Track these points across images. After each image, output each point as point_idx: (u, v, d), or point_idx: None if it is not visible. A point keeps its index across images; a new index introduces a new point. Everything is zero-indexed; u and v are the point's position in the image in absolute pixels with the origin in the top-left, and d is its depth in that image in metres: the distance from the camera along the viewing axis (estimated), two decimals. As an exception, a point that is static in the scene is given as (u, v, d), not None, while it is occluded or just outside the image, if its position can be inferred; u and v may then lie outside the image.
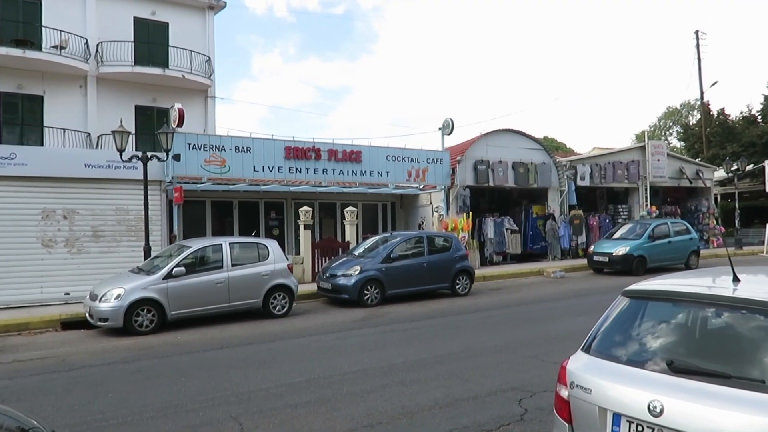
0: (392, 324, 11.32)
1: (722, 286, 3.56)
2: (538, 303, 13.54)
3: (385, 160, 19.50)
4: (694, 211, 28.25)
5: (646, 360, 3.48)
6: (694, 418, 2.97)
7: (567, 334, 9.44)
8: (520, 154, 22.50)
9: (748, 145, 39.17)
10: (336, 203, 21.39)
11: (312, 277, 16.76)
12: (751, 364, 3.15)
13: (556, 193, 23.45)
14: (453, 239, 15.76)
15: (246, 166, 17.05)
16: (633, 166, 25.54)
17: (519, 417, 5.81)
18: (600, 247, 19.78)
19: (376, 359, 8.35)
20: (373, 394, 6.67)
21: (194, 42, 22.41)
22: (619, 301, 3.92)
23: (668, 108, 62.36)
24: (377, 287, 13.65)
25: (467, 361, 8.10)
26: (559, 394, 3.70)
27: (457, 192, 20.87)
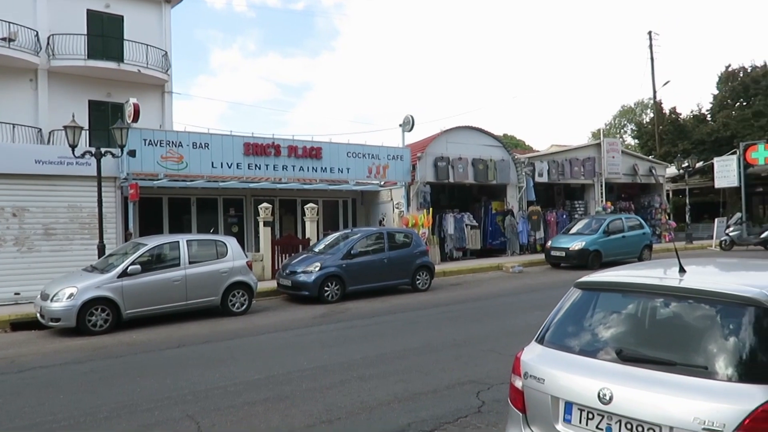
0: (352, 320, 11.32)
1: (669, 276, 3.67)
2: (497, 297, 13.72)
3: (345, 157, 19.46)
4: (647, 207, 29.00)
5: (598, 350, 3.56)
6: (642, 404, 3.05)
7: (525, 327, 9.59)
8: (479, 150, 22.73)
9: (698, 143, 40.44)
10: (296, 200, 21.26)
11: (272, 275, 16.63)
12: (695, 351, 3.25)
13: (515, 190, 23.79)
14: (413, 235, 15.84)
15: (204, 162, 16.79)
16: (589, 163, 26.08)
17: (477, 409, 5.89)
18: (557, 242, 20.16)
19: (336, 355, 8.34)
20: (332, 389, 6.66)
21: (150, 36, 21.92)
22: (571, 293, 3.99)
23: (623, 106, 63.87)
24: (338, 284, 13.62)
25: (427, 356, 8.16)
26: (514, 384, 3.76)
27: (418, 188, 20.98)
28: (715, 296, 3.30)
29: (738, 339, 3.11)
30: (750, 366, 2.98)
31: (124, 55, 21.08)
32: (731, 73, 43.51)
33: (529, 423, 3.60)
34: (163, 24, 22.70)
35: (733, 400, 2.84)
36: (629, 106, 62.86)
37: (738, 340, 3.11)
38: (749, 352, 3.03)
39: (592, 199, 26.61)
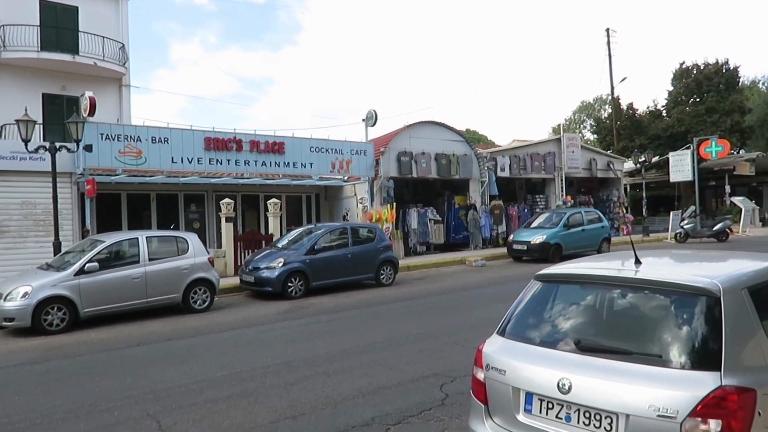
0: (317, 315, 11.28)
1: (625, 268, 3.76)
2: (460, 291, 13.85)
3: (308, 152, 19.35)
4: (606, 201, 29.64)
5: (558, 340, 3.62)
6: (599, 393, 3.13)
7: (487, 320, 9.69)
8: (442, 145, 22.87)
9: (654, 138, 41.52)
10: (259, 195, 21.06)
11: (234, 271, 16.45)
12: (651, 340, 3.34)
13: (478, 184, 24.02)
14: (377, 230, 15.86)
15: (164, 157, 16.49)
16: (549, 157, 26.50)
17: (440, 402, 5.94)
18: (519, 235, 20.43)
19: (300, 351, 8.31)
20: (296, 385, 6.64)
21: (107, 28, 21.38)
22: (531, 285, 4.06)
23: (582, 102, 65.20)
24: (301, 279, 13.56)
25: (391, 350, 8.19)
26: (476, 376, 3.81)
27: (381, 183, 21.00)
28: (668, 287, 3.40)
29: (691, 328, 3.21)
30: (702, 354, 3.08)
31: (80, 47, 20.52)
32: (685, 70, 44.71)
33: (491, 414, 3.65)
34: (120, 16, 22.16)
35: (686, 387, 2.93)
36: (588, 101, 64.19)
37: (691, 328, 3.21)
38: (701, 341, 3.13)
39: (553, 194, 27.06)
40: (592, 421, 3.15)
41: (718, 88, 42.48)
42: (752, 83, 46.31)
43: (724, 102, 41.47)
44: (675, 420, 2.87)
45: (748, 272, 3.63)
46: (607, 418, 3.10)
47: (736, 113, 40.62)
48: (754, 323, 3.25)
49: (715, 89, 42.55)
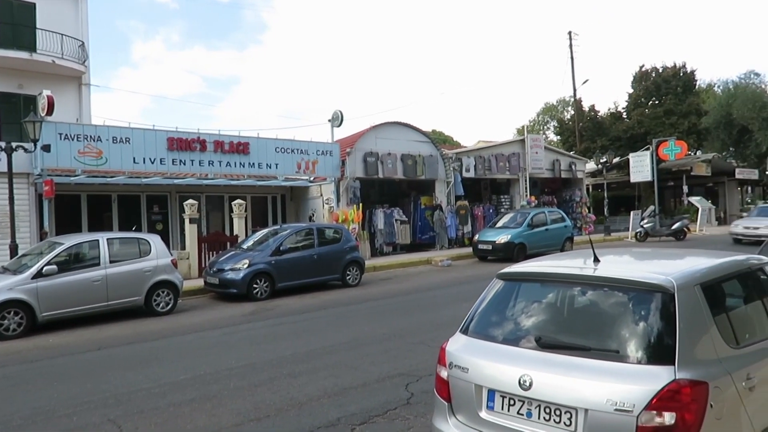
0: (282, 317, 11.22)
1: (584, 266, 3.84)
2: (426, 291, 13.92)
3: (274, 152, 19.22)
4: (569, 201, 30.15)
5: (519, 338, 3.68)
6: (559, 389, 3.19)
7: (453, 319, 9.75)
8: (408, 146, 22.96)
9: (615, 139, 42.41)
10: (224, 196, 20.84)
11: (199, 273, 16.24)
12: (609, 336, 3.42)
13: (443, 185, 24.17)
14: (343, 231, 15.84)
15: (125, 157, 16.19)
16: (514, 158, 26.83)
17: (405, 401, 5.97)
18: (484, 235, 20.63)
19: (265, 353, 8.26)
20: (261, 387, 6.59)
21: (65, 25, 20.85)
22: (494, 284, 4.11)
23: (546, 104, 66.11)
24: (267, 280, 13.46)
25: (357, 350, 8.19)
26: (439, 375, 3.84)
27: (348, 184, 20.98)
28: (625, 284, 3.48)
29: (647, 323, 3.30)
30: (657, 348, 3.16)
31: (37, 44, 19.95)
32: (644, 73, 45.81)
33: (455, 412, 3.68)
34: (80, 13, 21.65)
35: (642, 382, 3.01)
36: (552, 103, 65.14)
37: (647, 324, 3.29)
38: (656, 336, 3.22)
39: (517, 194, 27.40)
40: (552, 417, 3.21)
41: (676, 91, 43.65)
42: (708, 86, 47.62)
43: (682, 104, 42.62)
44: (631, 413, 2.94)
45: (702, 269, 3.75)
46: (566, 414, 3.16)
47: (693, 115, 41.78)
48: (706, 318, 3.35)
49: (673, 92, 43.70)
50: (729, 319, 3.59)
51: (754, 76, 40.68)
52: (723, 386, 3.14)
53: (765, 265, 4.50)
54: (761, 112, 36.73)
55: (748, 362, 3.44)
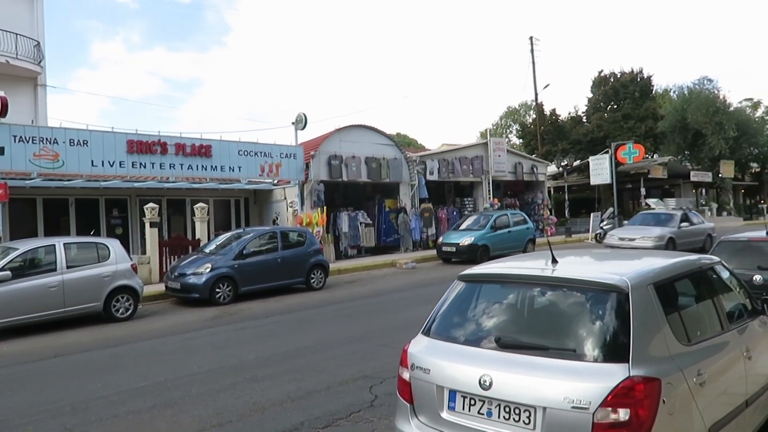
0: (245, 321, 11.11)
1: (543, 267, 3.92)
2: (390, 293, 13.96)
3: (237, 155, 19.01)
4: (531, 203, 30.59)
5: (480, 339, 3.73)
6: (518, 388, 3.25)
7: (417, 321, 9.73)
8: (372, 149, 23.00)
9: (576, 143, 43.21)
10: (185, 199, 20.53)
11: (160, 278, 15.96)
12: (567, 335, 3.50)
13: (408, 188, 24.28)
14: (307, 234, 15.78)
15: (83, 160, 15.80)
16: (477, 161, 27.11)
17: (369, 403, 5.98)
18: (448, 238, 20.79)
19: (228, 357, 8.17)
20: (223, 392, 6.52)
21: (20, 24, 20.30)
22: (455, 285, 4.16)
23: (508, 107, 67.03)
24: (230, 284, 13.31)
25: (321, 354, 8.17)
26: (402, 376, 3.87)
27: (312, 187, 20.90)
28: (582, 284, 3.57)
29: (603, 323, 3.38)
30: (612, 347, 3.25)
31: (-10, 44, 19.40)
32: (603, 78, 46.83)
33: (417, 413, 3.71)
34: (35, 12, 21.11)
35: (598, 379, 3.08)
36: (514, 107, 66.07)
37: (603, 323, 3.38)
38: (612, 334, 3.30)
39: (481, 196, 27.69)
40: (512, 416, 3.27)
41: (634, 96, 44.76)
42: (664, 91, 48.97)
43: (639, 109, 43.71)
44: (588, 411, 3.02)
45: (655, 269, 3.86)
46: (525, 412, 3.22)
47: (650, 119, 42.89)
48: (659, 317, 3.45)
49: (630, 97, 44.80)
50: (681, 317, 3.71)
51: (707, 82, 42.00)
52: (675, 382, 3.24)
53: (715, 265, 4.66)
54: (714, 117, 37.92)
55: (699, 359, 3.56)
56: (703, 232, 20.73)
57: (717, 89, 41.40)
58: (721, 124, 37.81)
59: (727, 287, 4.64)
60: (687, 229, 19.86)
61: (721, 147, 38.11)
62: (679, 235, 19.14)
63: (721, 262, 4.81)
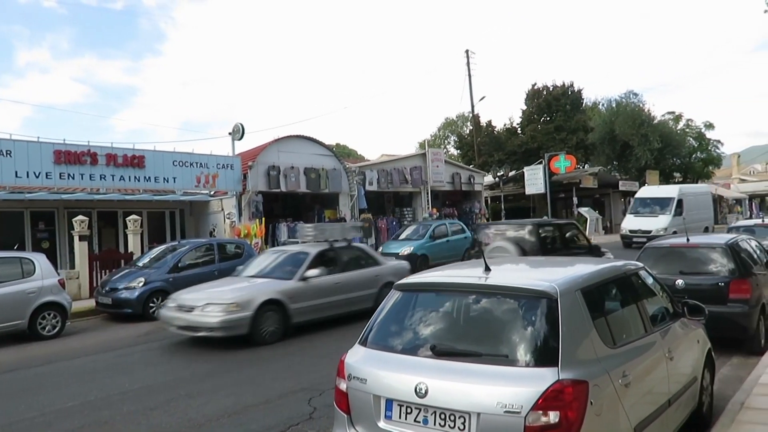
0: (180, 336, 10.79)
1: (476, 275, 4.00)
2: (330, 304, 13.86)
3: (171, 166, 18.56)
4: (469, 213, 31.12)
5: (417, 347, 3.78)
6: (453, 394, 3.30)
7: (358, 331, 9.78)
8: (311, 160, 22.92)
9: (511, 154, 44.29)
10: (117, 212, 19.84)
11: (90, 293, 15.33)
12: (500, 342, 3.59)
13: (347, 198, 24.29)
14: (245, 246, 15.54)
15: (6, 171, 15.08)
16: (416, 171, 27.41)
17: (308, 416, 5.93)
18: (387, 247, 20.88)
19: (162, 374, 7.94)
20: (157, 410, 6.32)
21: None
22: (391, 295, 4.20)
23: (446, 119, 68.17)
24: (164, 299, 12.87)
25: (259, 367, 8.05)
26: (338, 387, 3.87)
27: (250, 198, 20.62)
28: (513, 291, 3.67)
29: (534, 328, 3.49)
30: (542, 351, 3.35)
31: None
32: (537, 90, 48.28)
33: (354, 423, 3.72)
34: (-47, 15, 20.04)
35: (529, 383, 3.17)
36: (452, 118, 67.22)
37: (534, 329, 3.48)
38: (542, 339, 3.41)
39: (420, 206, 27.99)
40: (447, 422, 3.32)
41: (565, 109, 46.34)
42: (594, 104, 50.81)
43: (571, 121, 45.27)
44: (520, 415, 3.10)
45: (583, 275, 4.01)
46: (460, 418, 3.28)
47: (581, 131, 44.45)
48: (586, 321, 3.59)
49: (562, 109, 46.36)
50: (607, 321, 3.87)
51: (633, 95, 43.88)
52: (602, 384, 3.37)
53: (639, 270, 4.88)
54: (640, 129, 39.67)
55: (624, 361, 3.71)
56: None
57: (642, 103, 43.36)
58: (647, 136, 39.58)
59: (651, 291, 4.86)
60: None
61: (647, 158, 39.87)
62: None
63: (644, 267, 5.04)
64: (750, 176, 70.96)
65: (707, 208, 28.36)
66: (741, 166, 77.85)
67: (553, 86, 47.73)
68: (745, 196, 57.98)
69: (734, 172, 71.99)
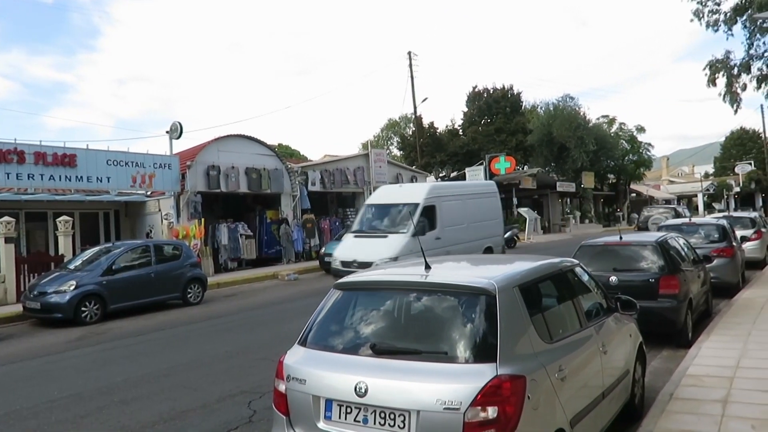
0: (115, 341, 10.42)
1: (416, 273, 4.00)
2: (271, 306, 13.71)
3: (105, 165, 17.89)
4: (412, 213, 31.25)
5: (358, 346, 3.74)
6: (393, 393, 3.28)
7: (298, 332, 9.69)
8: (252, 159, 22.56)
9: (453, 155, 44.85)
10: (47, 212, 18.99)
11: (17, 297, 14.62)
12: (440, 339, 3.60)
13: (289, 198, 24.03)
14: (183, 247, 15.15)
15: (-77, 169, 14.19)
16: (359, 172, 27.40)
17: (248, 419, 5.81)
18: (331, 248, 20.71)
19: (94, 380, 7.62)
20: (87, 418, 6.06)
21: None
22: (331, 294, 4.15)
23: (389, 120, 68.38)
24: (97, 302, 12.45)
25: (196, 371, 7.84)
26: (277, 389, 3.79)
27: (188, 198, 20.10)
28: (453, 288, 3.69)
29: (473, 325, 3.51)
30: (481, 348, 3.37)
31: None
32: (477, 93, 49.11)
33: (293, 425, 3.65)
34: None
35: (468, 380, 3.19)
36: (395, 119, 67.47)
37: (473, 325, 3.51)
38: (481, 336, 3.43)
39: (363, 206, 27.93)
40: (387, 421, 3.30)
41: (505, 111, 47.31)
42: (532, 107, 52.04)
43: (510, 123, 46.25)
44: (459, 411, 3.11)
45: (520, 272, 4.07)
46: (400, 416, 3.26)
47: (520, 133, 45.47)
48: (524, 317, 3.64)
49: (502, 112, 47.31)
50: (544, 316, 3.94)
51: (569, 99, 45.15)
52: (539, 379, 3.42)
53: (575, 267, 5.00)
54: (576, 132, 40.89)
55: (561, 355, 3.78)
56: None
57: (578, 106, 44.67)
58: (582, 138, 40.82)
59: (586, 288, 4.99)
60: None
61: (583, 159, 41.12)
62: None
63: (580, 264, 5.17)
64: (678, 178, 74.33)
65: (492, 218, 18.88)
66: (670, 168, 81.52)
67: (494, 89, 48.65)
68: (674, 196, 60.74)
69: (664, 174, 75.31)
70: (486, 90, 48.81)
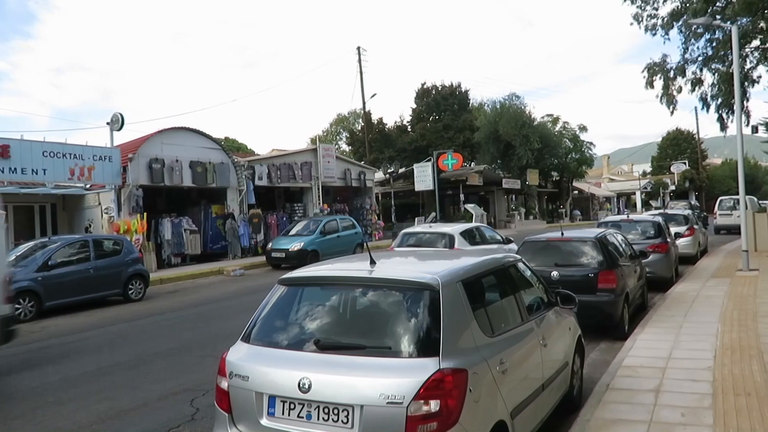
0: (49, 339, 10.04)
1: (361, 268, 4.00)
2: (216, 302, 13.48)
3: (41, 157, 17.20)
4: (360, 208, 31.30)
5: (302, 342, 3.72)
6: (336, 388, 3.28)
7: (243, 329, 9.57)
8: (197, 153, 22.10)
9: (401, 151, 45.08)
10: (-23, 205, 18.12)
11: (-56, 295, 13.90)
12: (384, 334, 3.61)
13: (235, 193, 23.66)
14: (124, 242, 14.73)
15: None
16: (306, 167, 27.21)
17: (190, 417, 5.71)
18: (278, 243, 20.60)
19: (26, 380, 7.33)
20: (18, 420, 5.83)
21: None
22: (276, 290, 4.11)
23: (338, 115, 68.13)
24: (32, 299, 11.97)
25: (137, 369, 7.65)
26: (219, 386, 3.73)
27: (130, 192, 19.54)
28: (397, 283, 3.71)
29: (417, 319, 3.53)
30: (425, 342, 3.41)
31: None
32: (426, 90, 49.44)
33: (235, 422, 3.60)
34: None
35: (411, 374, 3.21)
36: (344, 115, 67.26)
37: (417, 320, 3.53)
38: (425, 330, 3.46)
39: (311, 202, 27.79)
40: (330, 416, 3.29)
41: (453, 108, 47.80)
42: (480, 105, 52.77)
43: (458, 120, 46.77)
44: (402, 405, 3.13)
45: (465, 267, 4.13)
46: (344, 411, 3.26)
47: (468, 131, 46.05)
48: (466, 311, 3.69)
49: (450, 109, 47.78)
50: (486, 310, 4.00)
51: (515, 98, 45.97)
52: (481, 372, 3.48)
53: (517, 262, 5.10)
54: (521, 130, 41.71)
55: (502, 349, 3.86)
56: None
57: (524, 105, 45.51)
58: (528, 136, 41.67)
59: (528, 282, 5.10)
60: None
61: (528, 157, 41.99)
62: None
63: (522, 259, 5.28)
64: (618, 176, 76.88)
65: None
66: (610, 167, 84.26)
67: (442, 86, 49.09)
68: (614, 194, 62.78)
69: (605, 172, 77.77)
70: (434, 87, 49.21)
